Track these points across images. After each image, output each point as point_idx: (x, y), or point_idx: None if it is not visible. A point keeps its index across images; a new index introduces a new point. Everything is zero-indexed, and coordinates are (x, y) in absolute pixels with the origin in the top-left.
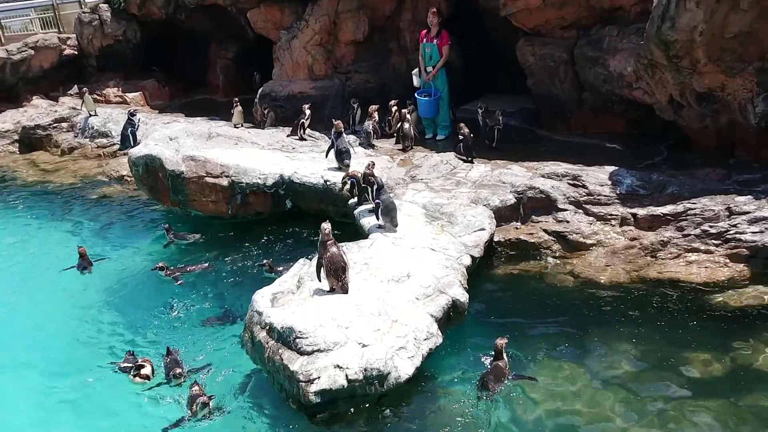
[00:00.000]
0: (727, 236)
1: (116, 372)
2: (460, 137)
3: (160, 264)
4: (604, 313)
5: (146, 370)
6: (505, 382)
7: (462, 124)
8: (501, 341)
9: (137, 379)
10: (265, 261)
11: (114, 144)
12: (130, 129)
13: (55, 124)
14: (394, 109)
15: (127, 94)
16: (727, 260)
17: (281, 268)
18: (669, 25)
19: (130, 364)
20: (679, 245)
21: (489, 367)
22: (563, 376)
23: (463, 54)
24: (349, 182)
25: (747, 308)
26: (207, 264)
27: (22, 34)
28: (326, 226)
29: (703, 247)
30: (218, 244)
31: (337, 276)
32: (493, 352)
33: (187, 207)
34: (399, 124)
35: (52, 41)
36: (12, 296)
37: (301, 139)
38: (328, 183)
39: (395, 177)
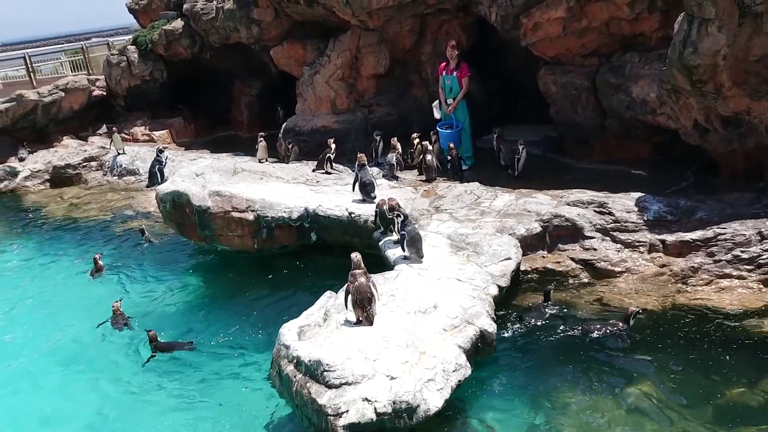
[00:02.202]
0: (760, 261)
1: None
2: (448, 158)
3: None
4: (635, 340)
5: None
6: (609, 331)
7: (450, 144)
8: (633, 309)
9: None
10: (150, 331)
11: (142, 181)
12: (157, 166)
13: (84, 163)
14: (416, 141)
15: (154, 133)
16: (761, 286)
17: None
18: (691, 50)
19: None
20: (710, 271)
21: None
22: (593, 406)
23: (483, 85)
24: (374, 212)
25: None
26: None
27: (53, 77)
28: (355, 255)
29: (735, 273)
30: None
31: (362, 307)
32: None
33: (214, 242)
34: (421, 156)
35: (81, 83)
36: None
37: (327, 173)
38: (352, 215)
39: (419, 208)
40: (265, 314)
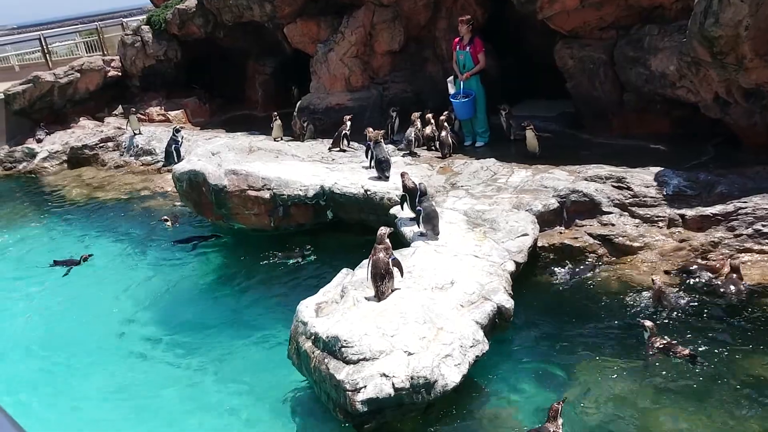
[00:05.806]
0: None
1: None
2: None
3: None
4: (654, 315)
5: None
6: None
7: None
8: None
9: None
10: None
11: (158, 161)
12: (174, 145)
13: (101, 144)
14: (430, 119)
15: (169, 113)
16: None
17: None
18: (712, 20)
19: None
20: (730, 246)
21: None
22: (613, 382)
23: (498, 60)
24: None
25: None
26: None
27: (68, 58)
28: (382, 230)
29: (756, 247)
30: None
31: (374, 280)
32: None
33: (231, 220)
34: (435, 132)
35: (96, 64)
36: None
37: (342, 150)
38: (368, 193)
39: (435, 185)
40: (282, 291)
